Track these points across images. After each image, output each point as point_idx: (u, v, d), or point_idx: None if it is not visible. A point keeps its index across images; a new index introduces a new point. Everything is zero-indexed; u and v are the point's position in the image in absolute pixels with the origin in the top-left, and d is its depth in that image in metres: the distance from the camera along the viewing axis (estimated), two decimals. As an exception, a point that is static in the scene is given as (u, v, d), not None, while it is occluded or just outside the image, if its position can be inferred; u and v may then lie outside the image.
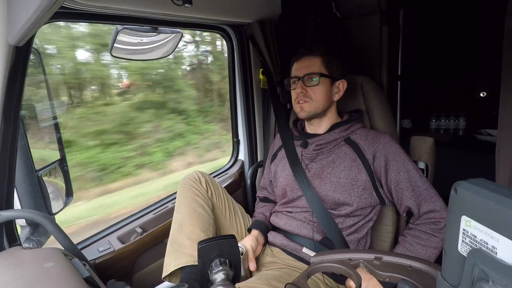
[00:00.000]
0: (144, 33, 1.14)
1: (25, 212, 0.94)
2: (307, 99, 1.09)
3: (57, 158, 1.16)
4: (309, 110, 1.10)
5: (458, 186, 0.32)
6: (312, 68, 1.10)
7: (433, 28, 2.19)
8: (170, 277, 1.02)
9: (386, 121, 1.17)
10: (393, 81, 1.73)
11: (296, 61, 1.14)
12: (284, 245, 1.11)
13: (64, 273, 0.73)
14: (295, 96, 1.12)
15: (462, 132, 2.17)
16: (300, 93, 1.10)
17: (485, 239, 0.30)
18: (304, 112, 1.11)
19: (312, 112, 1.10)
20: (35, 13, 0.60)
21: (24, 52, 0.88)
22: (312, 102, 1.09)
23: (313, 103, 1.09)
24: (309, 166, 1.12)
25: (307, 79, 1.09)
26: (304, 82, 1.10)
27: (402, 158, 1.01)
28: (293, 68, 1.15)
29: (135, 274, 1.26)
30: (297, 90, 1.10)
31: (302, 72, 1.10)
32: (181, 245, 1.01)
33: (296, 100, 1.12)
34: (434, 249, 0.96)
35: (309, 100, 1.09)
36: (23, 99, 0.92)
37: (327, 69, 1.10)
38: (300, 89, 1.10)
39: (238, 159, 1.74)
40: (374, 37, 1.52)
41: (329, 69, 1.10)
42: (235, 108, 1.68)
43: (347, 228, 1.06)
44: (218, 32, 1.53)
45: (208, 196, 1.17)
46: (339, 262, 0.59)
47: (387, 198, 1.06)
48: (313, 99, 1.09)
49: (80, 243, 1.21)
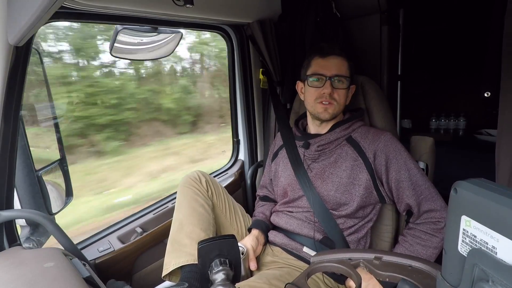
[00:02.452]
0: (144, 33, 1.14)
1: (25, 212, 0.95)
2: (332, 101, 1.06)
3: (57, 158, 1.16)
4: (333, 112, 1.07)
5: (458, 186, 0.32)
6: (342, 70, 1.06)
7: (433, 28, 2.18)
8: (170, 276, 1.02)
9: (386, 121, 1.17)
10: (393, 81, 1.73)
11: (322, 57, 1.08)
12: (284, 244, 1.11)
13: (64, 273, 0.73)
14: (318, 95, 1.07)
15: (462, 132, 2.17)
16: (328, 93, 1.05)
17: (485, 239, 0.30)
18: (328, 114, 1.07)
19: (334, 114, 1.08)
20: (35, 13, 0.60)
21: (24, 52, 0.88)
22: (336, 104, 1.06)
23: (337, 106, 1.07)
24: (311, 166, 1.12)
25: (337, 80, 1.06)
26: (332, 83, 1.06)
27: (403, 156, 1.01)
28: (315, 64, 1.09)
29: (135, 274, 1.26)
30: (325, 90, 1.05)
31: (331, 72, 1.05)
32: (181, 244, 1.01)
33: (320, 100, 1.07)
34: (434, 249, 0.96)
35: (334, 102, 1.06)
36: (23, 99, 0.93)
37: (350, 72, 1.09)
38: (329, 90, 1.05)
39: (238, 159, 1.74)
40: (374, 37, 1.51)
41: (351, 73, 1.10)
42: (235, 108, 1.68)
43: (347, 228, 1.06)
44: (218, 32, 1.53)
45: (209, 195, 1.16)
46: (339, 262, 0.59)
47: (387, 196, 1.05)
48: (337, 101, 1.06)
49: (80, 243, 1.21)
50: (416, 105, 2.32)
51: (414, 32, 1.95)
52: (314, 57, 1.11)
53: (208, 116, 3.75)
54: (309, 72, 1.11)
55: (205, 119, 3.70)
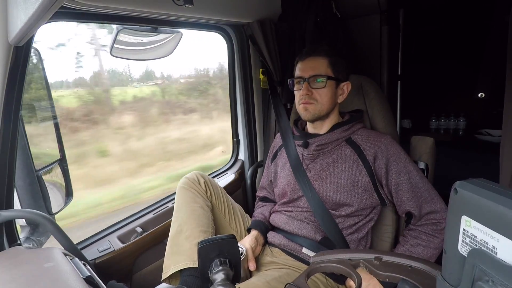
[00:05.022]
0: (144, 33, 1.14)
1: (25, 212, 0.94)
2: (312, 101, 1.07)
3: (57, 158, 1.16)
4: (313, 112, 1.08)
5: (458, 186, 0.32)
6: (318, 69, 1.07)
7: (433, 28, 2.18)
8: (169, 280, 1.02)
9: (386, 121, 1.17)
10: (393, 81, 1.73)
11: (301, 60, 1.11)
12: (283, 245, 1.11)
13: (64, 273, 0.73)
14: (299, 97, 1.09)
15: (462, 132, 2.17)
16: (305, 94, 1.07)
17: (485, 239, 0.30)
18: (309, 114, 1.08)
19: (317, 114, 1.08)
20: (35, 13, 0.59)
21: (24, 52, 0.88)
22: (317, 104, 1.07)
23: (318, 105, 1.07)
24: (309, 166, 1.12)
25: (313, 80, 1.07)
26: (309, 84, 1.07)
27: (403, 159, 1.01)
28: (297, 68, 1.12)
29: (135, 274, 1.26)
30: (302, 91, 1.07)
31: (308, 73, 1.07)
32: (181, 247, 1.01)
33: (301, 101, 1.09)
34: (435, 250, 0.96)
35: (314, 102, 1.07)
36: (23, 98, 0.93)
37: (333, 71, 1.08)
38: (306, 91, 1.06)
39: (238, 159, 1.74)
40: (374, 37, 1.52)
41: (335, 71, 1.08)
42: (235, 108, 1.68)
43: (347, 228, 1.06)
44: (218, 32, 1.53)
45: (207, 196, 1.16)
46: (339, 262, 0.59)
47: (387, 199, 1.06)
48: (318, 101, 1.07)
49: (80, 243, 1.21)
50: (416, 105, 2.32)
51: (414, 32, 1.95)
52: (297, 62, 1.13)
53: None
54: (294, 76, 1.13)
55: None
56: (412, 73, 1.94)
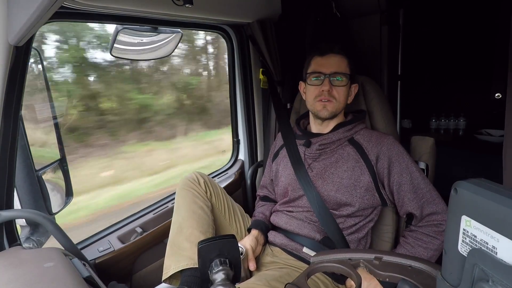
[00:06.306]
0: (144, 33, 1.14)
1: (25, 212, 0.94)
2: (331, 99, 1.06)
3: (57, 158, 1.16)
4: (331, 110, 1.07)
5: (458, 186, 0.32)
6: (341, 67, 1.07)
7: (433, 28, 2.18)
8: (170, 280, 1.01)
9: (387, 121, 1.17)
10: (393, 81, 1.73)
11: (320, 56, 1.10)
12: (284, 244, 1.11)
13: (64, 273, 0.73)
14: (318, 93, 1.08)
15: (462, 132, 2.17)
16: (326, 91, 1.06)
17: (485, 239, 0.30)
18: (327, 112, 1.08)
19: (334, 112, 1.08)
20: (35, 13, 0.59)
21: (24, 52, 0.88)
22: (335, 102, 1.07)
23: (336, 103, 1.07)
24: (311, 165, 1.12)
25: (334, 77, 1.06)
26: (330, 81, 1.07)
27: (406, 160, 1.01)
28: (314, 63, 1.11)
29: (135, 274, 1.26)
30: (323, 87, 1.06)
31: (329, 70, 1.06)
32: (181, 247, 1.01)
33: (319, 98, 1.07)
34: (436, 251, 0.96)
35: (333, 100, 1.07)
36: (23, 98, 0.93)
37: (351, 70, 1.09)
38: (328, 87, 1.05)
39: (238, 159, 1.74)
40: (374, 37, 1.52)
41: (352, 71, 1.10)
42: (235, 108, 1.68)
43: (348, 228, 1.06)
44: (218, 32, 1.53)
45: (207, 196, 1.16)
46: (339, 262, 0.58)
47: (388, 199, 1.05)
48: (337, 99, 1.07)
49: (80, 243, 1.21)
50: (416, 105, 2.32)
51: (414, 32, 1.95)
52: (314, 56, 1.12)
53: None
54: (309, 71, 1.12)
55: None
56: (412, 73, 1.94)
